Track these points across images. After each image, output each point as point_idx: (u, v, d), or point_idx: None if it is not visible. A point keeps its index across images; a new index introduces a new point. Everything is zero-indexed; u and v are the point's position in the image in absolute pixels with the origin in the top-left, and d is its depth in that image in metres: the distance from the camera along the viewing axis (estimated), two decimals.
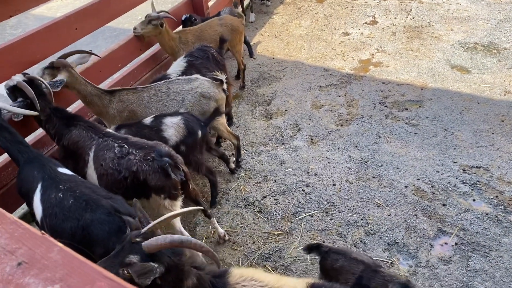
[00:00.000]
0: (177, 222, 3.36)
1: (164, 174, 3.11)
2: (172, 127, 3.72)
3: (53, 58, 4.45)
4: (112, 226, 2.61)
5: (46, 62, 3.99)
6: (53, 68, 3.91)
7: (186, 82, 4.18)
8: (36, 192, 2.86)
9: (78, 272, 0.89)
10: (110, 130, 3.48)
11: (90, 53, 4.25)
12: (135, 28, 5.20)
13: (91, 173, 3.28)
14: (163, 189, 3.17)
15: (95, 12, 4.68)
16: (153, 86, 4.15)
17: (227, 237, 3.92)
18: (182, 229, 3.41)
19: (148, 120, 3.81)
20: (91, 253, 2.60)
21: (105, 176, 3.19)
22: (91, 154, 3.27)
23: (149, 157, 3.12)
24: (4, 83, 3.54)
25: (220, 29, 5.75)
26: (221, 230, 3.90)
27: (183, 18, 6.17)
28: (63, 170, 3.01)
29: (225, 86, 4.34)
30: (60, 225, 2.67)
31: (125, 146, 3.20)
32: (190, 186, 3.48)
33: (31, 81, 3.46)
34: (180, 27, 6.13)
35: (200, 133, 3.84)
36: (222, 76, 4.29)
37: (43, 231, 1.00)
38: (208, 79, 4.27)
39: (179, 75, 4.58)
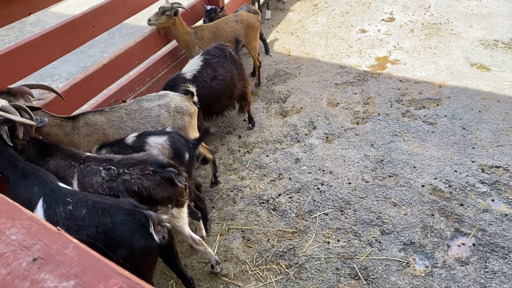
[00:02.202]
0: (186, 227, 3.34)
1: (170, 184, 3.04)
2: (156, 148, 3.45)
3: (70, 55, 4.52)
4: (134, 224, 2.61)
5: (61, 61, 3.99)
6: (9, 94, 3.35)
7: (157, 98, 3.95)
8: (37, 209, 2.73)
9: (92, 268, 0.89)
10: (90, 154, 3.27)
11: (53, 90, 3.75)
12: (149, 20, 5.23)
13: None
14: (170, 199, 3.10)
15: (112, 10, 4.72)
16: (122, 106, 3.90)
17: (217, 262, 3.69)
18: (192, 233, 3.41)
19: (130, 139, 3.53)
20: (114, 257, 2.58)
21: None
22: (75, 183, 3.07)
23: (147, 172, 3.00)
24: None
25: (236, 25, 5.75)
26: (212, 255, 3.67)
27: (208, 8, 6.16)
28: (62, 184, 2.89)
29: (195, 98, 4.12)
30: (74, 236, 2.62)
31: (113, 167, 3.03)
32: (190, 189, 3.44)
33: (15, 108, 3.05)
34: (200, 22, 6.13)
35: (187, 155, 3.57)
36: (192, 89, 4.09)
37: (59, 227, 1.00)
38: (178, 93, 4.07)
39: (195, 74, 4.57)
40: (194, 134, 4.14)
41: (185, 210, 3.30)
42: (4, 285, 0.87)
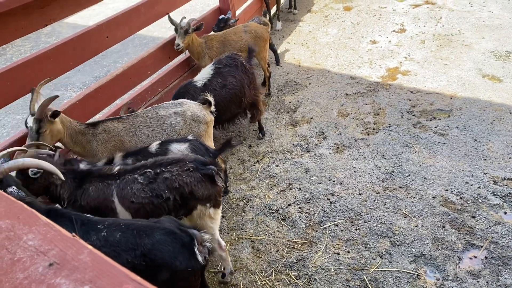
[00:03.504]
0: (217, 230, 3.36)
1: (210, 182, 3.09)
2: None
3: (84, 65, 4.59)
4: (175, 244, 2.51)
5: (75, 71, 4.04)
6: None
7: (174, 106, 4.01)
8: None
9: (106, 274, 0.91)
10: (119, 167, 3.24)
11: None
12: (178, 45, 5.32)
13: (124, 216, 3.12)
14: (209, 198, 3.13)
15: (125, 21, 4.81)
16: (139, 113, 3.98)
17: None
18: (220, 238, 3.43)
19: (153, 147, 3.59)
20: (156, 281, 2.38)
21: (141, 209, 3.05)
22: (116, 200, 3.07)
23: (187, 168, 3.04)
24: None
25: (245, 35, 5.81)
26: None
27: (220, 17, 6.28)
28: (88, 215, 2.82)
29: (212, 108, 4.19)
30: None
31: (148, 170, 3.07)
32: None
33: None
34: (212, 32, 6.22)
35: None
36: (210, 98, 4.14)
37: (73, 234, 1.03)
38: (195, 102, 4.13)
39: (206, 82, 4.64)
40: (209, 142, 4.19)
41: (220, 211, 3.32)
42: None
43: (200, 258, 2.58)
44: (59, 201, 3.17)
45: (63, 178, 2.84)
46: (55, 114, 3.43)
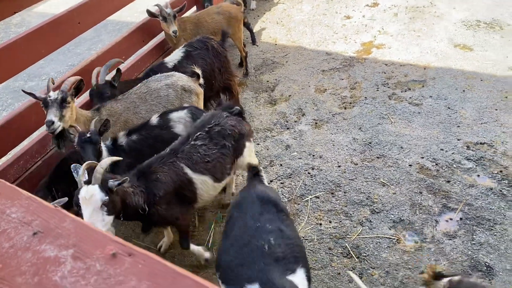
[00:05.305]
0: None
1: (243, 118, 3.61)
2: (180, 122, 3.73)
3: (56, 52, 4.54)
4: None
5: (48, 60, 4.01)
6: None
7: (164, 78, 4.11)
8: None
9: (89, 238, 0.96)
10: (167, 148, 3.28)
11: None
12: (175, 32, 5.19)
13: (202, 182, 3.27)
14: (250, 132, 3.65)
15: (97, 6, 4.74)
16: (131, 91, 4.04)
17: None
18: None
19: (154, 119, 3.74)
20: None
21: (216, 163, 3.30)
22: (188, 170, 3.19)
23: (226, 115, 3.44)
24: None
25: (218, 17, 5.79)
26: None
27: None
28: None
29: (201, 81, 4.34)
30: None
31: (199, 134, 3.28)
32: None
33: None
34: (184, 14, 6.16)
35: None
36: (198, 71, 4.28)
37: (55, 204, 1.07)
38: (184, 75, 4.24)
39: (176, 64, 4.66)
40: None
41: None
42: (8, 257, 0.94)
43: None
44: (136, 213, 3.01)
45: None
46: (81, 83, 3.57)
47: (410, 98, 5.33)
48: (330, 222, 3.88)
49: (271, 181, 4.41)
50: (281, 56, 6.76)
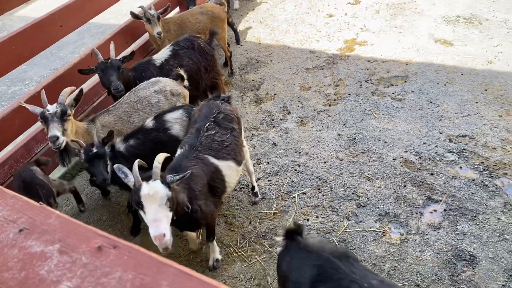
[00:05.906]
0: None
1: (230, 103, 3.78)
2: (177, 123, 3.76)
3: (39, 56, 4.50)
4: None
5: (31, 64, 4.01)
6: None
7: (151, 85, 4.15)
8: None
9: (75, 233, 0.98)
10: (189, 142, 3.28)
11: None
12: (159, 33, 5.23)
13: (228, 168, 3.32)
14: (240, 118, 3.77)
15: (79, 8, 4.73)
16: (121, 101, 4.05)
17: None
18: None
19: (150, 123, 3.76)
20: None
21: (234, 146, 3.41)
22: (214, 160, 3.24)
23: (221, 103, 3.57)
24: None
25: (201, 17, 5.81)
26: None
27: None
28: None
29: (186, 82, 4.41)
30: None
31: (208, 124, 3.36)
32: None
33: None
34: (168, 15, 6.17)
35: None
36: (182, 72, 4.34)
37: (41, 202, 1.09)
38: (169, 79, 4.31)
39: (163, 62, 4.69)
40: None
41: None
42: None
43: None
44: (182, 210, 2.87)
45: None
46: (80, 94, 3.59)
47: (393, 93, 5.41)
48: (317, 217, 3.92)
49: (258, 179, 4.45)
50: (265, 55, 6.80)
